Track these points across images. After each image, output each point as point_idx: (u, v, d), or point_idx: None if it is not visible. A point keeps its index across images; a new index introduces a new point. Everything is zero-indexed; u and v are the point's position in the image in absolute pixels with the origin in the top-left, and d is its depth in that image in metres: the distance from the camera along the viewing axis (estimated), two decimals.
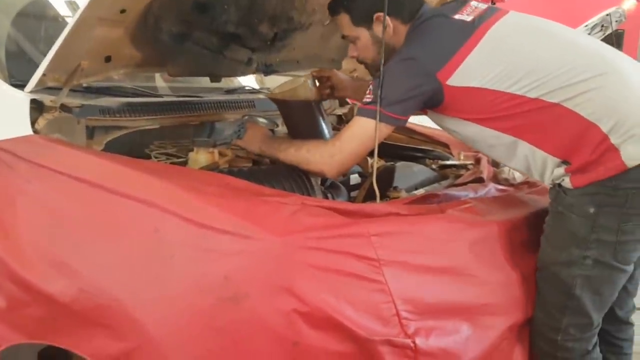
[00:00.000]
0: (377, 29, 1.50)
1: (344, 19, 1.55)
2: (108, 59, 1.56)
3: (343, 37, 1.63)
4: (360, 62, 1.64)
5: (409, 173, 1.93)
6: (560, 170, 1.35)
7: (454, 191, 1.67)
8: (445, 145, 2.32)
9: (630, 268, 1.36)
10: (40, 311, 1.25)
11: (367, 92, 1.45)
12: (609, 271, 1.33)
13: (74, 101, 1.57)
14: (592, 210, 1.29)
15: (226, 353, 1.13)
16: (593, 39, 1.53)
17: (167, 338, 1.14)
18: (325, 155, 1.49)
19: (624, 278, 1.37)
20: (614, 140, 1.28)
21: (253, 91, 2.35)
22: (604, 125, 1.29)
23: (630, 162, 1.27)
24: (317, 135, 1.77)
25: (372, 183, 1.49)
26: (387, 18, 1.46)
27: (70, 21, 1.37)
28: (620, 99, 1.31)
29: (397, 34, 1.51)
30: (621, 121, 1.28)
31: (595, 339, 1.42)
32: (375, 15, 1.49)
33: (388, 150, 2.17)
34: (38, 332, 1.29)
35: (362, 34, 1.54)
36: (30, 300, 1.26)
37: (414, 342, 1.14)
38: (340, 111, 2.51)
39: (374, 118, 1.41)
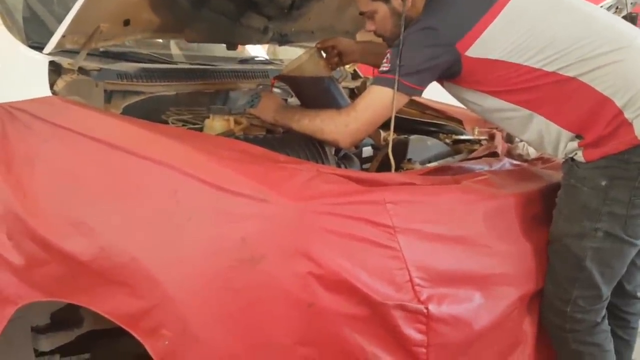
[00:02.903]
0: (395, 1, 1.49)
1: None
2: (127, 23, 1.56)
3: (361, 13, 1.62)
4: (379, 35, 1.63)
5: (422, 146, 1.94)
6: (574, 144, 1.36)
7: (468, 164, 1.68)
8: (459, 121, 2.31)
9: None
10: (60, 269, 1.28)
11: (385, 60, 1.44)
12: (619, 244, 1.34)
13: (92, 64, 1.58)
14: (604, 183, 1.30)
15: (243, 313, 1.15)
16: (610, 14, 1.52)
17: (185, 298, 1.16)
18: (339, 124, 1.49)
19: (634, 252, 1.39)
20: (627, 115, 1.29)
21: (266, 62, 2.35)
22: (619, 100, 1.29)
23: None
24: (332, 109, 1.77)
25: (386, 154, 1.50)
26: None
27: None
28: (635, 74, 1.31)
29: (414, 5, 1.50)
30: (636, 96, 1.29)
31: (604, 311, 1.44)
32: None
33: (401, 124, 2.16)
34: (57, 290, 1.31)
35: (380, 7, 1.53)
36: (49, 259, 1.28)
37: (426, 308, 1.15)
38: (352, 84, 2.50)
39: (391, 87, 1.41)
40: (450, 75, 1.45)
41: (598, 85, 1.31)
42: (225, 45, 1.96)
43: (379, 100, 1.44)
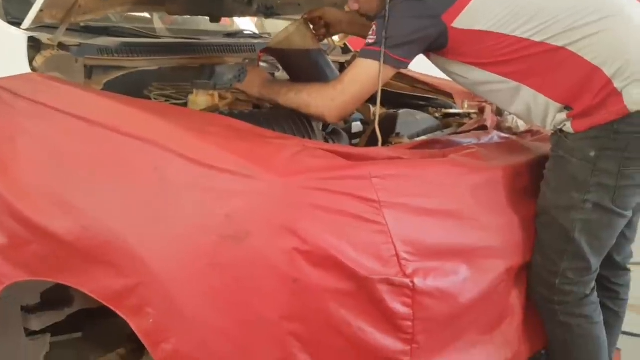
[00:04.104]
0: None
1: None
2: None
3: None
4: (363, 15, 1.59)
5: (411, 121, 1.92)
6: (562, 115, 1.34)
7: (456, 138, 1.66)
8: (449, 95, 2.29)
9: (629, 213, 1.37)
10: (43, 249, 1.27)
11: (371, 32, 1.41)
12: (608, 215, 1.34)
13: (72, 40, 1.55)
14: (592, 153, 1.29)
15: (228, 289, 1.14)
16: None
17: (170, 275, 1.15)
18: (326, 98, 1.47)
19: (623, 223, 1.38)
20: (617, 84, 1.27)
21: (253, 36, 2.31)
22: (608, 69, 1.27)
23: (633, 107, 1.27)
24: (321, 81, 1.74)
25: (373, 130, 1.48)
26: None
27: None
28: (624, 42, 1.29)
29: None
30: (625, 65, 1.27)
31: (593, 283, 1.44)
32: None
33: (391, 98, 2.15)
34: (41, 270, 1.30)
35: None
36: (32, 238, 1.27)
37: (412, 282, 1.15)
38: (343, 59, 2.47)
39: (377, 59, 1.38)
40: (436, 47, 1.42)
41: (587, 54, 1.29)
42: (208, 18, 1.91)
43: (366, 73, 1.42)
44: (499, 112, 2.05)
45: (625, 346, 2.38)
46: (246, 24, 2.61)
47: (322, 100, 1.47)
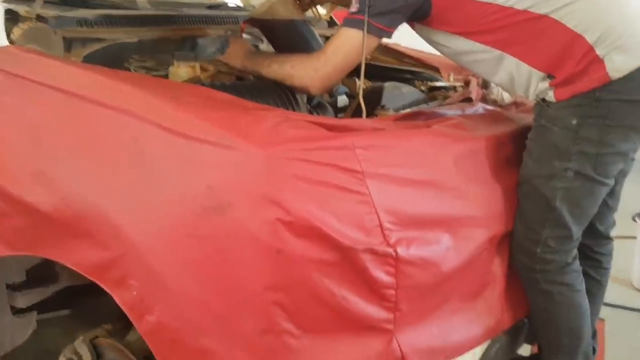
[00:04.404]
0: None
1: None
2: None
3: None
4: None
5: (397, 94, 1.91)
6: (545, 84, 1.34)
7: (441, 110, 1.66)
8: (436, 69, 2.28)
9: (611, 181, 1.38)
10: (22, 222, 1.26)
11: (353, 1, 1.39)
12: (590, 184, 1.34)
13: (50, 12, 1.52)
14: (574, 121, 1.29)
15: (211, 261, 1.14)
16: None
17: (152, 247, 1.15)
18: (309, 69, 1.45)
19: (604, 191, 1.39)
20: (599, 51, 1.27)
21: (237, 8, 2.27)
22: (590, 37, 1.27)
23: (615, 74, 1.27)
24: (306, 53, 1.72)
25: (359, 102, 1.47)
26: None
27: None
28: (606, 9, 1.29)
29: None
30: (607, 32, 1.27)
31: (575, 252, 1.45)
32: None
33: (377, 72, 2.13)
34: (21, 243, 1.30)
35: None
36: (11, 211, 1.26)
37: (395, 251, 1.16)
38: (329, 32, 2.44)
39: (361, 29, 1.36)
40: (420, 16, 1.41)
41: (569, 22, 1.29)
42: None
43: (349, 43, 1.40)
44: (484, 85, 2.05)
45: (610, 317, 2.43)
46: None
47: (305, 71, 1.46)
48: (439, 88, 2.11)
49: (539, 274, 1.41)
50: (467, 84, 2.06)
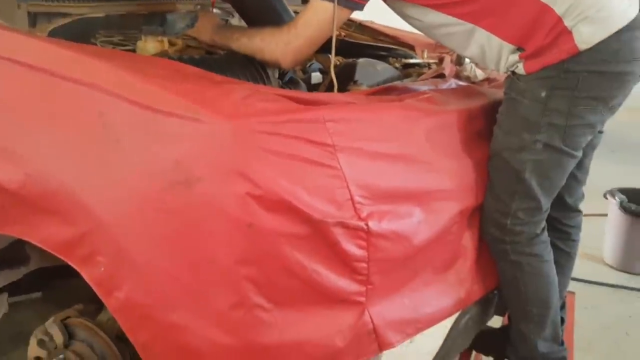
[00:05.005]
0: None
1: None
2: None
3: None
4: None
5: (371, 70, 1.90)
6: (515, 56, 1.35)
7: (414, 85, 1.65)
8: (411, 47, 2.28)
9: (579, 153, 1.40)
10: None
11: None
12: (558, 155, 1.36)
13: None
14: (543, 94, 1.30)
15: (179, 235, 1.12)
16: None
17: (119, 222, 1.13)
18: (280, 43, 1.43)
19: (573, 163, 1.41)
20: (567, 22, 1.27)
21: None
22: (559, 8, 1.28)
23: (583, 45, 1.28)
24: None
25: (331, 74, 1.46)
26: None
27: None
28: None
29: None
30: (575, 3, 1.27)
31: (544, 223, 1.47)
32: None
33: (351, 49, 2.12)
34: None
35: None
36: None
37: (366, 225, 1.16)
38: (302, 9, 2.41)
39: (332, 0, 1.35)
40: None
41: None
42: None
43: (320, 16, 1.39)
44: (458, 62, 2.05)
45: (582, 292, 2.49)
46: None
47: (276, 44, 1.44)
48: (413, 65, 2.11)
49: (508, 245, 1.43)
50: (441, 61, 2.06)
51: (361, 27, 2.38)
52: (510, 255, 1.43)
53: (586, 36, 1.27)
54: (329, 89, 1.65)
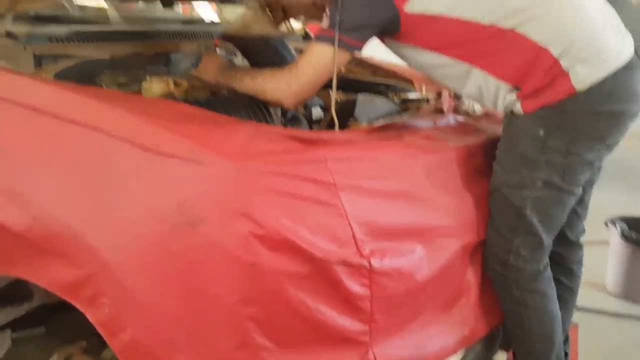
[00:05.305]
0: None
1: None
2: None
3: None
4: (318, 5, 1.58)
5: (370, 106, 1.92)
6: (512, 96, 1.37)
7: (412, 121, 1.68)
8: (409, 81, 2.31)
9: (579, 190, 1.41)
10: None
11: (324, 17, 1.41)
12: (558, 192, 1.37)
13: (20, 28, 1.51)
14: (541, 132, 1.32)
15: (183, 277, 1.13)
16: None
17: (123, 264, 1.14)
18: (282, 83, 1.46)
19: (573, 200, 1.42)
20: (563, 64, 1.30)
21: (212, 23, 2.28)
22: (554, 50, 1.30)
23: (579, 85, 1.30)
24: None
25: (332, 113, 1.48)
26: None
27: None
28: (570, 22, 1.32)
29: None
30: (570, 45, 1.30)
31: (546, 260, 1.48)
32: None
33: (351, 85, 2.15)
34: None
35: None
36: None
37: (369, 263, 1.16)
38: (303, 46, 2.46)
39: (331, 44, 1.38)
40: (390, 31, 1.43)
41: (533, 35, 1.32)
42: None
43: (321, 58, 1.42)
44: (456, 96, 2.08)
45: (584, 321, 2.47)
46: (206, 11, 2.58)
47: (277, 85, 1.47)
48: (412, 100, 2.14)
49: (511, 281, 1.43)
50: (439, 95, 2.09)
51: (359, 61, 2.43)
52: (513, 291, 1.44)
53: (583, 77, 1.29)
54: (330, 126, 1.68)
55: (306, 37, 2.51)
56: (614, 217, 3.00)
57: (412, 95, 2.18)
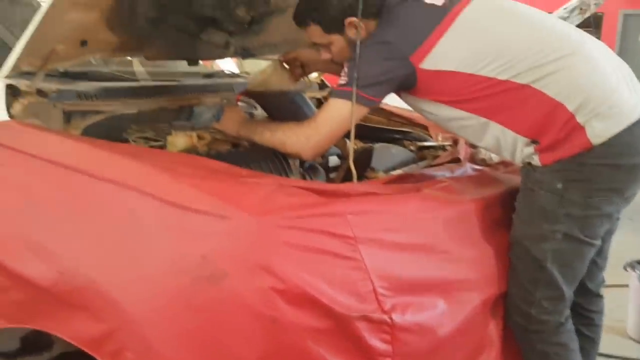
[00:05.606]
0: (350, 31, 1.49)
1: (315, 30, 1.53)
2: (84, 43, 1.56)
3: (314, 43, 1.59)
4: (336, 63, 1.64)
5: (387, 154, 1.96)
6: (530, 149, 1.39)
7: (430, 171, 1.70)
8: (425, 128, 2.34)
9: (598, 242, 1.41)
10: (20, 295, 1.26)
11: (342, 73, 1.46)
12: (578, 245, 1.37)
13: (50, 86, 1.57)
14: (559, 185, 1.33)
15: (205, 331, 1.14)
16: (559, 20, 1.56)
17: (147, 319, 1.16)
18: (301, 137, 1.50)
19: (592, 251, 1.42)
20: (579, 119, 1.32)
21: (232, 75, 2.35)
22: (570, 105, 1.32)
23: (595, 140, 1.31)
24: (299, 120, 1.77)
25: (349, 164, 1.51)
26: (359, 20, 1.45)
27: (44, 5, 1.36)
28: (585, 78, 1.34)
29: (368, 30, 1.51)
30: (586, 100, 1.32)
31: (568, 311, 1.46)
32: (346, 21, 1.48)
33: (367, 133, 2.19)
34: (18, 316, 1.30)
35: (335, 39, 1.53)
36: (9, 285, 1.27)
37: (390, 318, 1.16)
38: (320, 94, 2.52)
39: (349, 99, 1.42)
40: (406, 86, 1.47)
41: (549, 91, 1.34)
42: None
43: (339, 113, 1.46)
44: (472, 144, 2.10)
45: None
46: (226, 63, 2.66)
47: (297, 139, 1.50)
48: (428, 147, 2.17)
49: (534, 334, 1.42)
50: (455, 143, 2.11)
51: (375, 108, 2.46)
52: (536, 344, 1.42)
53: (599, 131, 1.30)
54: (347, 176, 1.70)
55: (322, 86, 2.58)
56: (632, 261, 2.95)
57: (427, 143, 2.21)
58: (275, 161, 1.61)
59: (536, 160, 1.38)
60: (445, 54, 1.40)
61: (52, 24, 1.40)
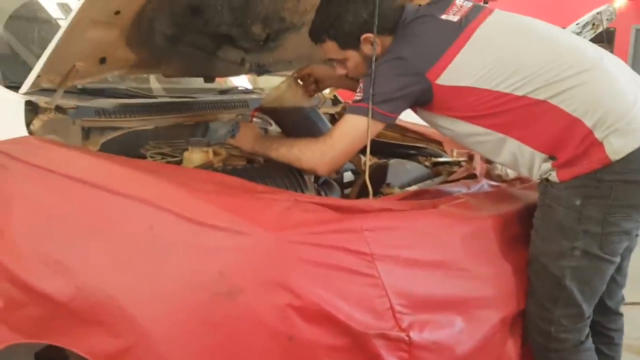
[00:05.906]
0: (366, 47, 1.50)
1: (330, 45, 1.54)
2: (103, 61, 1.58)
3: (330, 59, 1.60)
4: (351, 78, 1.65)
5: (402, 170, 1.95)
6: (547, 165, 1.38)
7: (446, 187, 1.69)
8: (439, 143, 2.34)
9: (617, 259, 1.39)
10: (38, 311, 1.27)
11: (358, 89, 1.46)
12: (597, 262, 1.35)
13: (69, 102, 1.59)
14: (578, 202, 1.32)
15: (222, 348, 1.14)
16: (575, 36, 1.56)
17: (163, 334, 1.15)
18: (316, 153, 1.50)
19: (612, 269, 1.40)
20: (597, 134, 1.31)
21: (246, 91, 2.37)
22: (588, 121, 1.32)
23: (614, 156, 1.30)
24: (314, 136, 1.77)
25: (365, 180, 1.51)
26: (375, 36, 1.46)
27: (64, 23, 1.38)
28: (602, 94, 1.34)
29: (384, 47, 1.52)
30: (604, 116, 1.31)
31: (587, 329, 1.44)
32: (362, 37, 1.49)
33: (381, 148, 2.19)
34: (36, 332, 1.30)
35: (351, 55, 1.54)
36: (27, 301, 1.27)
37: (408, 336, 1.15)
38: (333, 110, 2.53)
39: (365, 115, 1.42)
40: (422, 102, 1.47)
41: (567, 107, 1.33)
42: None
43: (354, 129, 1.46)
44: (488, 160, 2.09)
45: None
46: (240, 79, 2.68)
47: (312, 154, 1.51)
48: (443, 163, 2.16)
49: (553, 353, 1.40)
50: (470, 158, 2.10)
51: (390, 125, 2.46)
52: None
53: (617, 147, 1.29)
54: (362, 192, 1.70)
55: (335, 101, 2.59)
56: None
57: (442, 159, 2.20)
58: (291, 177, 1.61)
59: (554, 177, 1.37)
60: (462, 70, 1.40)
61: (72, 42, 1.42)
